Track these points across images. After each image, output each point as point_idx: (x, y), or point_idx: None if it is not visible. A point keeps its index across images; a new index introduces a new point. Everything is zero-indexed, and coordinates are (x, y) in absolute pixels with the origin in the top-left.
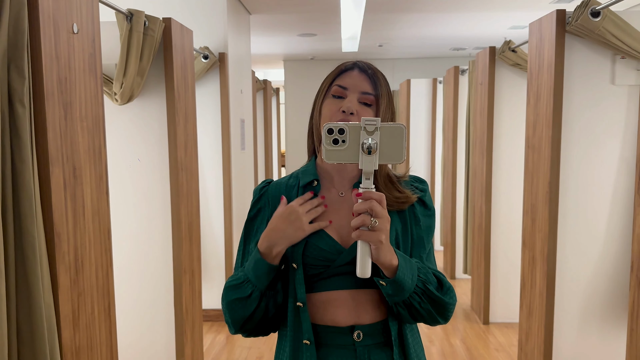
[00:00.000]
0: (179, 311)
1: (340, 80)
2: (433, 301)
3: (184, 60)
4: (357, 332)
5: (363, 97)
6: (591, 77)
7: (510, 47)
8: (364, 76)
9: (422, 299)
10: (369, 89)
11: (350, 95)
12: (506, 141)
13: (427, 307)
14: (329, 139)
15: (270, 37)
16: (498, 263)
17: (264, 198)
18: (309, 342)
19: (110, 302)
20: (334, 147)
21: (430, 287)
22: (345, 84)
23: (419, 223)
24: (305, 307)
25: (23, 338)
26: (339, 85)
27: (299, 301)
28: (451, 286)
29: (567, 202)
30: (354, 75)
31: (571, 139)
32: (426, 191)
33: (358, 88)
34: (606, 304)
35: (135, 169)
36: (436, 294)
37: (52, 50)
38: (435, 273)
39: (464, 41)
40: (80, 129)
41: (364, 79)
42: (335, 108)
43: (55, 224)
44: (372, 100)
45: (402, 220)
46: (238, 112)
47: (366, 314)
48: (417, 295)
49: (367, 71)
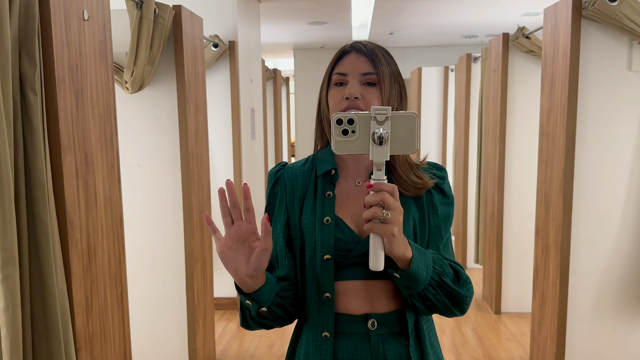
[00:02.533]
0: (190, 300)
1: (339, 67)
2: (449, 293)
3: (194, 48)
4: (371, 320)
5: (364, 78)
6: (607, 63)
7: (524, 34)
8: (362, 56)
9: (437, 291)
10: (369, 68)
11: (351, 80)
12: (519, 129)
13: (442, 299)
14: (338, 129)
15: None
16: (510, 252)
17: (280, 181)
18: (329, 335)
19: (122, 289)
20: (343, 137)
21: (446, 279)
22: (344, 70)
23: (437, 212)
24: (333, 298)
25: (37, 325)
26: (338, 73)
27: (327, 292)
28: (468, 278)
29: (581, 190)
30: (352, 59)
31: (586, 127)
32: (445, 179)
33: (357, 70)
34: (620, 294)
35: (146, 158)
36: (452, 286)
37: (63, 37)
38: (452, 264)
39: (476, 29)
40: (91, 116)
41: (362, 60)
42: (339, 96)
43: (68, 211)
44: (375, 79)
45: (420, 209)
46: (248, 101)
47: (380, 303)
48: (432, 288)
49: (364, 50)
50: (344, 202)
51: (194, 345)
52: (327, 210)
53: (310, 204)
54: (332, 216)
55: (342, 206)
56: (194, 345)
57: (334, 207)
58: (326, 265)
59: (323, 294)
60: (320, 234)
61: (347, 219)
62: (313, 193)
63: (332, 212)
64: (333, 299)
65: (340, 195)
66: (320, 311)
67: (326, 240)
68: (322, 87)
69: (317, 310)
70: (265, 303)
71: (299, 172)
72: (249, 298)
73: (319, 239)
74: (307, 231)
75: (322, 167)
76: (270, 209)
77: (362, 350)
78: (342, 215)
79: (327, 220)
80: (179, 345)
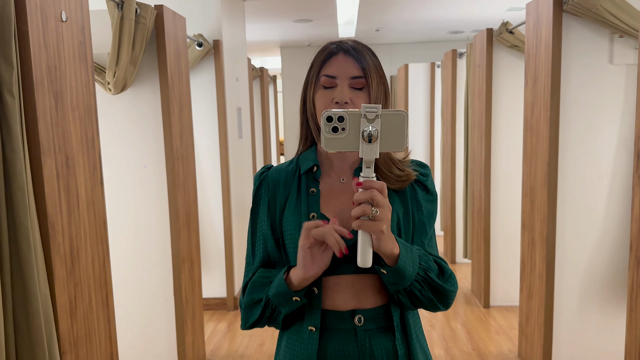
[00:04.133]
0: (178, 301)
1: (327, 69)
2: (434, 289)
3: (177, 48)
4: (358, 316)
5: (353, 83)
6: (589, 56)
7: (508, 29)
8: (350, 59)
9: (423, 286)
10: (357, 71)
11: (340, 83)
12: (505, 124)
13: (427, 294)
14: (328, 127)
15: (266, 23)
16: (498, 246)
17: (264, 184)
18: (314, 329)
19: (108, 292)
20: (333, 135)
21: (431, 274)
22: (333, 73)
23: (421, 208)
24: (320, 293)
25: (20, 329)
26: (326, 75)
27: (314, 286)
28: (452, 273)
29: (566, 183)
30: (340, 61)
31: (569, 120)
32: (428, 176)
33: (346, 74)
34: (606, 285)
35: (131, 159)
36: (437, 282)
37: (40, 38)
38: (437, 260)
39: (462, 24)
40: (72, 118)
41: (351, 63)
42: (328, 99)
43: (49, 214)
44: (363, 82)
45: (404, 205)
46: (234, 100)
47: (367, 299)
48: (418, 283)
49: (352, 53)
50: (328, 198)
51: (183, 346)
52: (312, 206)
53: (293, 203)
54: (318, 212)
55: (326, 202)
56: (183, 346)
57: (319, 203)
58: None
59: (311, 287)
60: None
61: (331, 215)
62: (296, 191)
63: (318, 208)
64: (320, 294)
65: (324, 192)
66: (307, 306)
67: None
68: (308, 87)
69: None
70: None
71: (282, 173)
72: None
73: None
74: (288, 229)
75: (305, 165)
76: (255, 212)
77: (349, 346)
78: (326, 211)
79: (312, 217)
80: (168, 346)
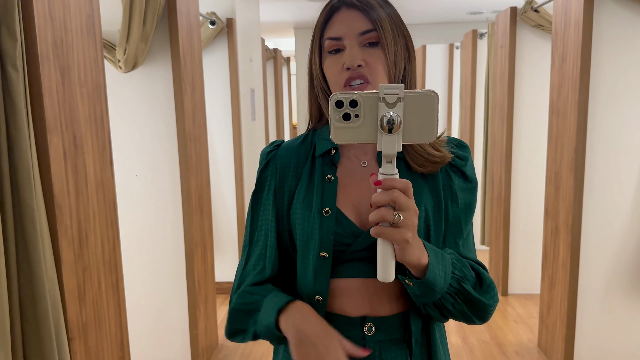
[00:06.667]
0: (191, 285)
1: (330, 30)
2: (469, 302)
3: (189, 25)
4: (368, 324)
5: (363, 39)
6: (622, 35)
7: (533, 7)
8: (355, 11)
9: (456, 299)
10: (366, 24)
11: (349, 44)
12: (528, 106)
13: (461, 308)
14: (338, 113)
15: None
16: (517, 233)
17: (271, 165)
18: None
19: (118, 276)
20: (344, 123)
21: (467, 285)
22: (338, 33)
23: (457, 200)
24: (325, 302)
25: (27, 315)
26: (331, 38)
27: (319, 295)
28: (492, 283)
29: (593, 169)
30: (343, 17)
31: (599, 103)
32: (467, 159)
33: (353, 31)
34: (633, 275)
35: (142, 140)
36: (473, 294)
37: (46, 9)
38: (474, 266)
39: (482, 4)
40: (79, 95)
41: (356, 16)
42: (338, 66)
43: (56, 196)
44: (376, 36)
45: (435, 196)
46: (248, 81)
47: (381, 305)
48: (450, 296)
49: (357, 4)
50: (346, 187)
51: (195, 330)
52: (328, 198)
53: (303, 192)
54: (333, 206)
55: (344, 192)
56: (196, 331)
57: (335, 194)
58: (322, 264)
59: (314, 296)
60: (319, 227)
61: (347, 207)
62: (308, 177)
63: (334, 201)
64: (325, 303)
65: (342, 179)
66: None
67: (325, 235)
68: (312, 56)
69: None
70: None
71: (294, 153)
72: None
73: (316, 233)
74: (297, 223)
75: (321, 146)
76: (258, 197)
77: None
78: (342, 203)
79: (326, 212)
80: (181, 331)
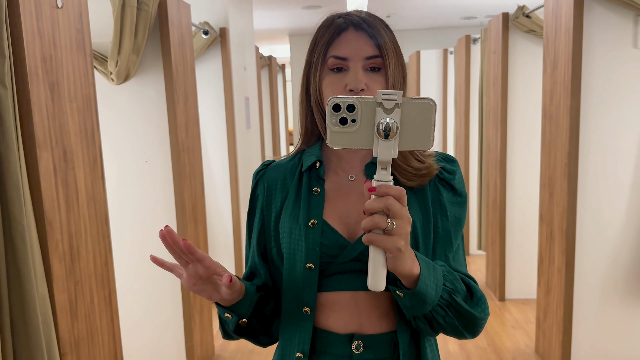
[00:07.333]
0: (186, 296)
1: (336, 48)
2: (460, 315)
3: (181, 36)
4: (356, 342)
5: (368, 63)
6: (612, 40)
7: (525, 13)
8: (363, 35)
9: (447, 312)
10: (373, 50)
11: (353, 66)
12: (521, 112)
13: (452, 321)
14: (335, 117)
15: (274, 10)
16: (514, 238)
17: (260, 184)
18: (302, 356)
19: (110, 290)
20: (341, 128)
21: (458, 297)
22: (344, 53)
23: (446, 213)
24: (312, 314)
25: (18, 331)
26: (336, 57)
27: (307, 306)
28: (483, 296)
29: (586, 173)
30: (351, 39)
31: (591, 108)
32: (456, 172)
33: (360, 54)
34: (628, 280)
35: (135, 151)
36: (464, 307)
37: (34, 25)
38: (464, 279)
39: (475, 9)
40: (69, 110)
41: (364, 40)
42: (340, 85)
43: (46, 211)
44: (380, 63)
45: (424, 209)
46: (242, 90)
47: (370, 322)
48: (441, 308)
49: (365, 27)
50: (333, 199)
51: (191, 342)
52: (314, 210)
53: (290, 205)
54: (320, 218)
55: (331, 205)
56: (192, 342)
57: (322, 206)
58: (308, 276)
59: (302, 307)
60: (305, 239)
61: (334, 219)
62: (295, 192)
63: (320, 213)
64: (313, 314)
65: (329, 192)
66: (296, 327)
67: (311, 247)
68: (311, 71)
69: (292, 325)
70: (245, 314)
71: (281, 171)
72: (228, 310)
73: (302, 244)
74: (284, 236)
75: (307, 161)
76: (251, 215)
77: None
78: (329, 215)
79: (312, 224)
80: (176, 343)
